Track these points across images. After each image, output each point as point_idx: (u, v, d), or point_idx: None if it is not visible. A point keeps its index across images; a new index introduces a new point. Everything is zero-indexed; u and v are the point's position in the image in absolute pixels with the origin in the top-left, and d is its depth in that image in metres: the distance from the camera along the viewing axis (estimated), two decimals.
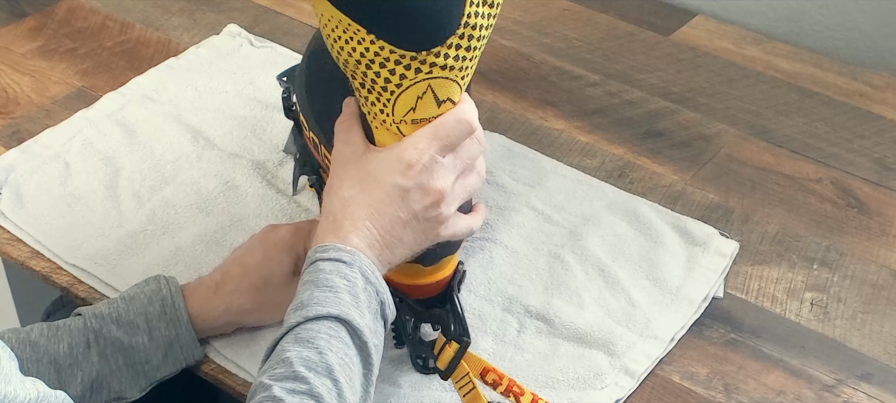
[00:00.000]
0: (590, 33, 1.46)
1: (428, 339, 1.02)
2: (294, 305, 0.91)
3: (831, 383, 1.03)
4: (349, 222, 0.93)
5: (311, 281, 0.91)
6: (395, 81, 0.91)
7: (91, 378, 0.99)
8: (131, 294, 1.02)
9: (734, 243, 1.15)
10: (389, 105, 0.93)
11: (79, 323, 1.01)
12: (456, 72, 0.91)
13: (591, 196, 1.20)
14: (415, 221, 0.94)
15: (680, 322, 1.07)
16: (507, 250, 1.14)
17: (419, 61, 0.90)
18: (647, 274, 1.12)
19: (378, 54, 0.89)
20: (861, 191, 1.22)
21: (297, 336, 0.88)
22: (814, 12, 1.45)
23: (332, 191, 0.96)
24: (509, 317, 1.08)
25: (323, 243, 0.93)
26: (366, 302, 0.90)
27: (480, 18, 0.90)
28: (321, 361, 0.86)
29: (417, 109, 0.93)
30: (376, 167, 0.94)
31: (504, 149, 1.26)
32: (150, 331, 1.01)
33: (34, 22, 1.48)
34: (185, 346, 1.02)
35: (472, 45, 0.91)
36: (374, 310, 0.91)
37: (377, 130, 0.96)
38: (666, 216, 1.18)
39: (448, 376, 0.98)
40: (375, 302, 0.92)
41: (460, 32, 0.89)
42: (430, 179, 0.94)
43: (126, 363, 1.00)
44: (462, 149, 0.95)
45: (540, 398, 0.97)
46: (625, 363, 1.03)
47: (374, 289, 0.92)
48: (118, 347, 1.00)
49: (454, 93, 0.93)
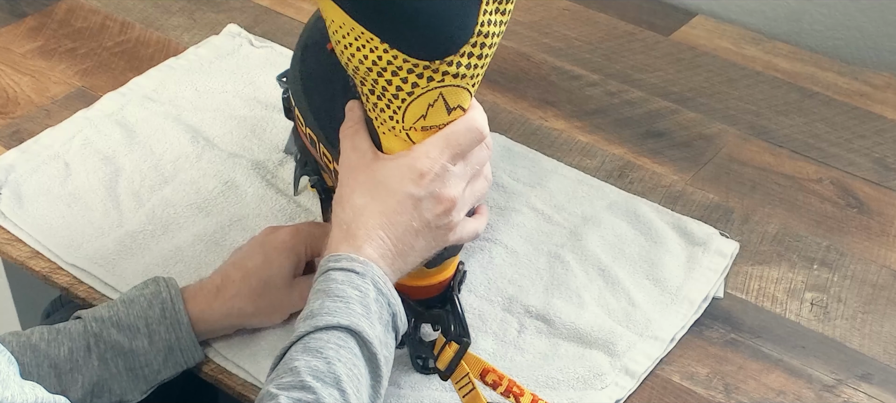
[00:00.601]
0: (590, 33, 1.46)
1: (428, 339, 1.02)
2: (304, 314, 0.91)
3: (831, 383, 1.03)
4: (363, 232, 0.93)
5: (323, 290, 0.91)
6: (407, 89, 0.91)
7: (92, 382, 0.99)
8: (131, 296, 1.02)
9: (734, 243, 1.14)
10: (400, 112, 0.92)
11: (79, 327, 1.00)
12: (467, 80, 0.91)
13: (591, 196, 1.20)
14: (426, 229, 0.94)
15: (680, 322, 1.07)
16: (508, 250, 1.14)
17: (432, 70, 0.89)
18: (648, 274, 1.12)
19: (391, 63, 0.89)
20: (861, 191, 1.22)
21: (306, 346, 0.87)
22: (814, 12, 1.45)
23: (344, 199, 0.96)
24: (509, 317, 1.08)
25: (336, 252, 0.93)
26: (377, 314, 0.90)
27: (493, 26, 0.90)
28: (329, 371, 0.86)
29: (428, 117, 0.93)
30: (388, 175, 0.94)
31: (504, 149, 1.26)
32: (151, 335, 1.00)
33: (34, 22, 1.47)
34: (186, 349, 1.02)
35: (483, 53, 0.91)
36: (386, 322, 0.91)
37: (385, 136, 0.96)
38: (666, 216, 1.18)
39: (448, 376, 0.98)
40: (387, 313, 0.92)
41: (473, 41, 0.89)
42: (443, 188, 0.94)
43: (126, 367, 1.00)
44: (472, 155, 0.96)
45: (540, 398, 0.97)
46: (625, 363, 1.03)
47: (385, 301, 0.92)
48: (118, 351, 1.00)
49: (465, 101, 0.93)
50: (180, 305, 1.01)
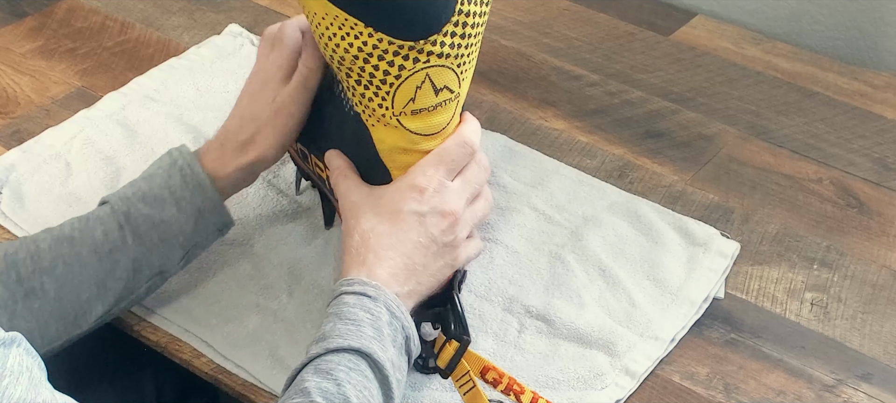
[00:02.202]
0: (590, 33, 1.46)
1: (428, 339, 1.02)
2: (316, 337, 0.92)
3: (831, 383, 1.03)
4: (372, 255, 0.95)
5: (335, 313, 0.92)
6: (393, 73, 0.92)
7: (131, 259, 1.01)
8: (149, 172, 1.04)
9: (735, 244, 1.14)
10: (389, 97, 0.94)
11: (106, 210, 1.02)
12: (452, 59, 0.93)
13: (592, 196, 1.20)
14: (434, 246, 0.96)
15: (680, 322, 1.07)
16: (508, 250, 1.14)
17: (417, 51, 0.91)
18: (648, 274, 1.11)
19: (376, 47, 0.91)
20: (861, 191, 1.22)
21: (317, 368, 0.88)
22: (814, 12, 1.45)
23: (351, 228, 0.98)
24: (510, 317, 1.08)
25: (348, 276, 0.94)
26: (390, 337, 0.91)
27: (474, 5, 0.92)
28: (339, 393, 0.86)
29: (416, 100, 0.94)
30: (390, 198, 0.97)
31: (505, 149, 1.26)
32: (178, 202, 1.02)
33: (34, 22, 1.48)
34: (213, 210, 1.03)
35: (466, 32, 0.92)
36: (399, 345, 0.92)
37: (375, 128, 0.96)
38: (667, 216, 1.18)
39: (448, 375, 0.98)
40: (401, 336, 0.93)
41: (455, 20, 0.91)
42: (443, 202, 0.96)
43: (160, 238, 1.01)
44: (468, 173, 0.99)
45: (540, 396, 0.97)
46: (625, 363, 1.03)
47: (399, 324, 0.93)
48: (151, 224, 1.01)
49: (451, 82, 0.95)
50: (197, 167, 1.03)
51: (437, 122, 0.97)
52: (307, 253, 1.14)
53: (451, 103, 0.96)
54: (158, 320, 1.08)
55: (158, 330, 1.08)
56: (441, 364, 0.98)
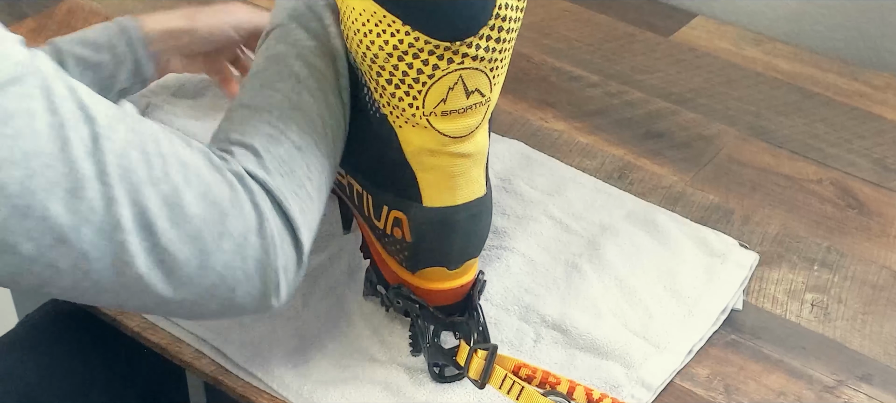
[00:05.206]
0: (590, 34, 1.46)
1: (446, 347, 1.01)
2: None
3: (832, 384, 1.03)
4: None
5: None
6: (427, 72, 0.92)
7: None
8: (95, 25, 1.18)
9: (754, 254, 1.12)
10: (420, 96, 0.94)
11: (48, 50, 1.12)
12: (486, 63, 0.93)
13: (609, 205, 1.19)
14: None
15: (698, 334, 1.05)
16: (525, 259, 1.13)
17: (452, 51, 0.91)
18: (666, 285, 1.10)
19: (412, 45, 0.91)
20: (861, 192, 1.22)
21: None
22: (814, 12, 1.45)
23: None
24: (526, 327, 1.06)
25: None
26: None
27: (510, 10, 0.92)
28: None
29: (448, 101, 0.94)
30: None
31: (522, 156, 1.25)
32: (112, 49, 1.15)
33: (34, 23, 1.47)
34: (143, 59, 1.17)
35: (501, 37, 0.92)
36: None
37: (402, 129, 0.96)
38: (684, 226, 1.16)
39: (484, 384, 0.97)
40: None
41: (491, 23, 0.91)
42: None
43: (94, 79, 1.12)
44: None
45: (577, 383, 0.96)
46: (641, 375, 1.01)
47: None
48: (86, 65, 1.13)
49: (483, 85, 0.94)
50: (136, 23, 1.17)
51: (466, 125, 0.96)
52: (321, 260, 1.12)
53: (481, 107, 0.96)
54: (162, 321, 1.08)
55: (159, 331, 1.08)
56: (474, 375, 0.96)
